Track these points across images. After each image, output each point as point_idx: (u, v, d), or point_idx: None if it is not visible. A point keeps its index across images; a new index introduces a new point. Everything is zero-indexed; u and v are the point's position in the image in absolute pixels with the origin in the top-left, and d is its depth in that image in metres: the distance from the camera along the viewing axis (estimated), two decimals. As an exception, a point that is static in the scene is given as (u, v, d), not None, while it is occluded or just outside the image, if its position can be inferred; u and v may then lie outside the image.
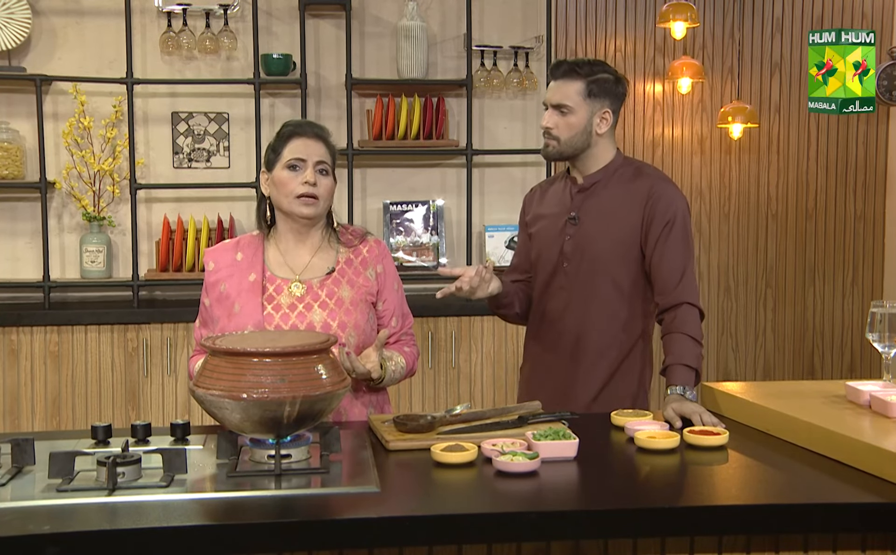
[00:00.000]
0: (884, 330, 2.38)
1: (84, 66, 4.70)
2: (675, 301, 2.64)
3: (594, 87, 2.72)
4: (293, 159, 2.49)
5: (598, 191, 2.78)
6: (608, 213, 2.75)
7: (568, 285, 2.79)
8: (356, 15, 4.86)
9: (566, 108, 2.72)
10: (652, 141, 5.37)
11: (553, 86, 2.76)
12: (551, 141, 2.76)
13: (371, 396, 2.59)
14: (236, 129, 4.86)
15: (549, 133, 2.75)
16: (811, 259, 5.55)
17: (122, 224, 4.76)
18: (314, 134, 2.54)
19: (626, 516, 1.82)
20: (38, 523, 1.71)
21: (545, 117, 2.77)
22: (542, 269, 2.86)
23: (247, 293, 2.50)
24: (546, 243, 2.84)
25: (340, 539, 1.76)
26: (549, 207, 2.89)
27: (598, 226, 2.75)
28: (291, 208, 2.51)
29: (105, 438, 2.20)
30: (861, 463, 2.00)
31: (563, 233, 2.80)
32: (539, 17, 4.93)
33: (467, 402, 4.48)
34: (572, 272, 2.77)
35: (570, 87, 2.72)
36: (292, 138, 2.52)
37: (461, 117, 4.92)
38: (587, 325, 2.76)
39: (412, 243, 4.93)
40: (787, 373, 5.57)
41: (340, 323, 2.48)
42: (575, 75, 2.72)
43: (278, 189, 2.52)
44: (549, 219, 2.86)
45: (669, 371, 2.57)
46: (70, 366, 4.30)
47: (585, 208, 2.78)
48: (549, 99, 2.76)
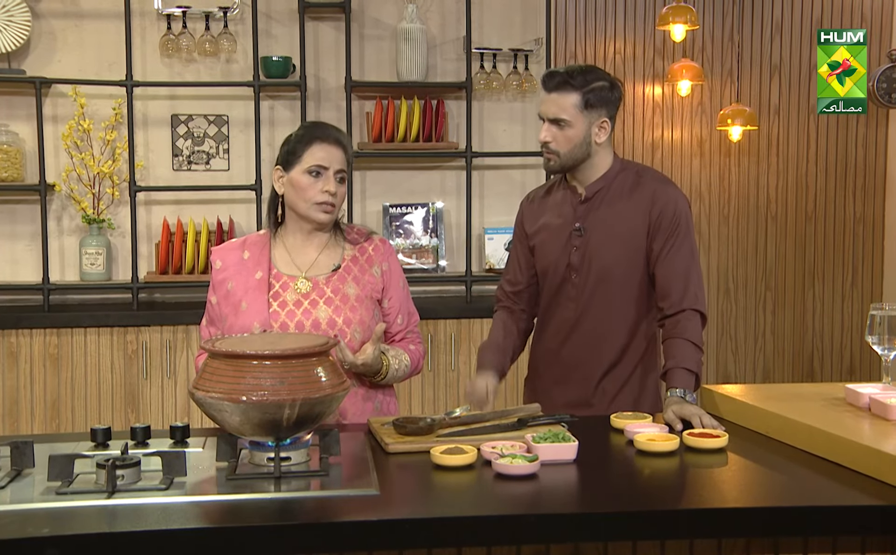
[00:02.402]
0: (883, 332, 2.38)
1: (84, 68, 4.70)
2: (679, 308, 2.64)
3: (590, 97, 2.67)
4: (315, 166, 2.49)
5: (601, 200, 2.75)
6: (613, 222, 2.73)
7: (577, 296, 2.77)
8: (356, 17, 4.86)
9: (563, 123, 2.67)
10: (651, 143, 5.37)
11: (548, 99, 2.70)
12: (551, 155, 2.71)
13: (379, 394, 2.60)
14: (236, 132, 4.86)
15: (547, 147, 2.71)
16: (811, 261, 5.55)
17: (122, 226, 4.76)
18: (336, 140, 2.53)
19: (626, 519, 1.82)
20: (37, 526, 1.71)
21: (543, 131, 2.71)
22: (549, 281, 2.84)
23: (253, 291, 2.51)
24: (551, 256, 2.81)
25: (340, 542, 1.76)
26: (550, 217, 2.85)
27: (605, 236, 2.73)
28: (309, 214, 2.52)
29: (104, 440, 2.19)
30: (860, 466, 1.99)
31: (568, 244, 2.77)
32: (538, 19, 4.94)
33: (467, 404, 4.47)
34: (581, 283, 2.76)
35: (566, 100, 2.67)
36: (315, 142, 2.51)
37: (461, 120, 4.92)
38: (600, 334, 2.76)
39: (412, 246, 4.93)
40: (787, 375, 5.57)
41: (346, 320, 2.49)
42: (570, 87, 2.66)
43: (296, 192, 2.52)
44: (552, 230, 2.82)
45: (670, 374, 2.56)
46: (69, 368, 4.30)
47: (590, 219, 2.75)
48: (544, 112, 2.71)
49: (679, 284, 2.65)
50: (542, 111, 2.72)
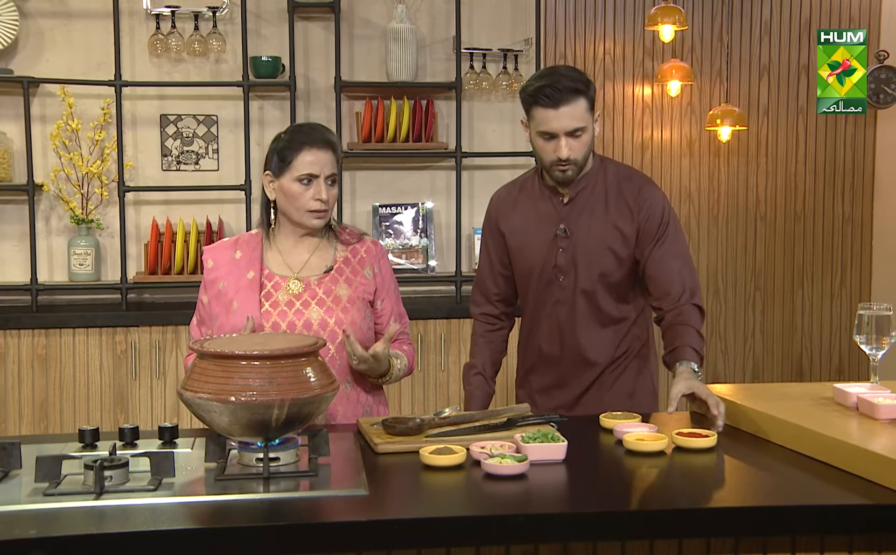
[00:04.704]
0: (871, 332, 2.39)
1: (72, 68, 4.68)
2: (678, 303, 2.63)
3: (592, 95, 2.64)
4: (306, 174, 2.48)
5: (584, 200, 2.73)
6: (598, 223, 2.72)
7: (565, 299, 2.76)
8: (345, 17, 4.86)
9: (580, 131, 2.61)
10: (641, 144, 5.38)
11: (558, 114, 2.58)
12: (570, 166, 2.63)
13: (369, 397, 2.60)
14: (225, 132, 4.85)
15: (568, 160, 2.62)
16: (799, 261, 5.57)
17: (111, 227, 4.75)
18: (325, 142, 2.51)
19: (615, 519, 1.82)
20: (24, 528, 1.70)
21: (562, 148, 2.60)
22: (534, 283, 2.80)
23: (245, 291, 2.51)
24: (535, 257, 2.78)
25: (329, 543, 1.76)
26: (528, 216, 2.80)
27: (590, 237, 2.72)
28: (301, 220, 2.52)
29: (92, 441, 2.18)
30: (848, 465, 2.00)
31: (553, 246, 2.75)
32: (528, 19, 4.94)
33: (456, 404, 4.48)
34: (569, 285, 2.75)
35: (579, 108, 2.59)
36: (304, 149, 2.48)
37: (450, 120, 4.92)
38: (591, 336, 2.76)
39: (401, 246, 4.92)
40: (776, 375, 5.59)
41: (337, 320, 2.50)
42: (579, 94, 2.59)
43: (288, 200, 2.51)
44: (532, 231, 2.78)
45: (679, 351, 2.55)
46: (58, 369, 4.28)
47: (574, 221, 2.73)
48: (558, 128, 2.59)
49: (677, 283, 2.65)
50: (555, 127, 2.60)
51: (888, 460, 1.90)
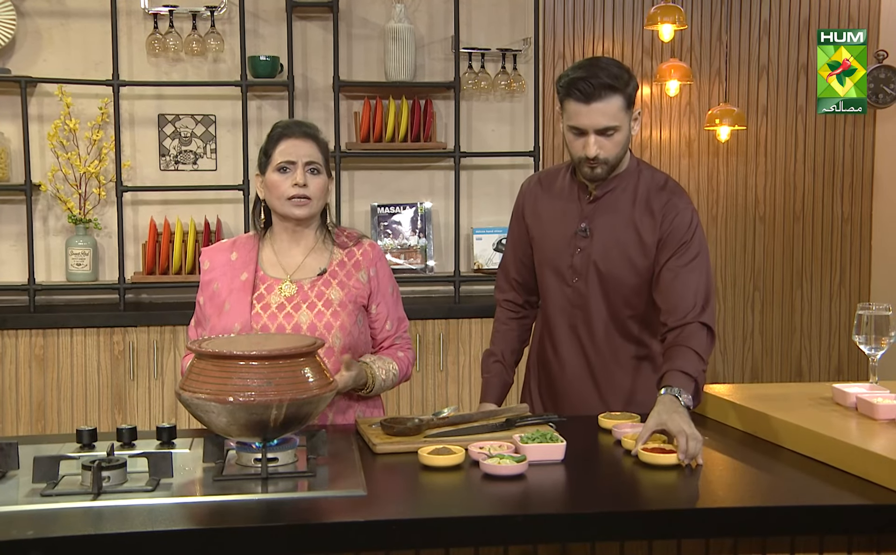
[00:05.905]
0: (870, 332, 2.39)
1: (70, 67, 4.67)
2: (684, 321, 2.43)
3: (630, 93, 2.50)
4: (283, 162, 2.49)
5: (612, 202, 2.60)
6: (622, 229, 2.58)
7: (579, 302, 2.64)
8: (343, 17, 4.85)
9: (612, 129, 2.48)
10: (640, 143, 5.37)
11: (590, 110, 2.46)
12: (599, 165, 2.52)
13: (359, 405, 2.58)
14: (223, 132, 4.85)
15: (596, 159, 2.51)
16: (798, 261, 5.57)
17: (109, 227, 4.74)
18: (303, 133, 2.53)
19: (614, 519, 1.82)
20: (21, 528, 1.70)
21: (591, 147, 2.49)
22: (546, 281, 2.71)
23: (237, 292, 2.50)
24: (551, 252, 2.68)
25: (327, 543, 1.75)
26: (552, 208, 2.69)
27: (611, 241, 2.59)
28: (284, 210, 2.51)
29: (90, 442, 2.18)
30: (847, 465, 2.00)
31: (572, 244, 2.63)
32: (527, 19, 4.93)
33: (455, 404, 4.48)
34: (583, 288, 2.63)
35: (613, 106, 2.47)
36: (281, 140, 2.51)
37: (449, 119, 4.92)
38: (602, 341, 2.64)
39: (400, 246, 4.92)
40: (775, 375, 5.59)
41: (327, 324, 2.48)
42: (614, 91, 2.46)
43: (270, 192, 2.52)
44: (554, 224, 2.68)
45: (665, 376, 2.35)
46: (55, 369, 4.28)
47: (597, 221, 2.60)
48: (589, 125, 2.48)
49: (689, 299, 2.46)
50: (585, 124, 2.49)
51: (887, 461, 1.90)
